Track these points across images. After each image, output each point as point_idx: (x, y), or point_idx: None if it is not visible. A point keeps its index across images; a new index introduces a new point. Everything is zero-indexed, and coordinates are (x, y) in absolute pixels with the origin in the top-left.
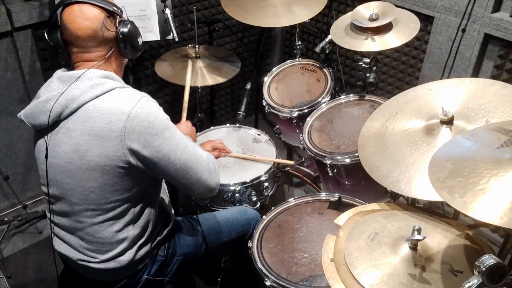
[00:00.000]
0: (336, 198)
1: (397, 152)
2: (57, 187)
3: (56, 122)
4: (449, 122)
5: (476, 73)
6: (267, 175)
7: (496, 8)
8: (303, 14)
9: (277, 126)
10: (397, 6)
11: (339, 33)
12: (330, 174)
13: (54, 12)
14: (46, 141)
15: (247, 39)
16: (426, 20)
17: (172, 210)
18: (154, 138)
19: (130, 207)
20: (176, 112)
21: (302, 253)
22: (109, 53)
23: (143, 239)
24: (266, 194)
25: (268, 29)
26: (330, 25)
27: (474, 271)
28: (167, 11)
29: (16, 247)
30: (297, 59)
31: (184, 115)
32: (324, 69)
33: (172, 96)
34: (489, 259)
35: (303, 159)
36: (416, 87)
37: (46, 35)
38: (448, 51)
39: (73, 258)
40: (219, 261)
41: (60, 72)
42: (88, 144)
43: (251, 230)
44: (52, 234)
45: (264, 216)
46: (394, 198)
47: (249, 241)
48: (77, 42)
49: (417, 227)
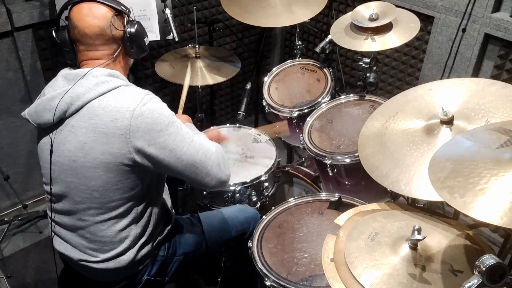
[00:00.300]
0: (336, 198)
1: (397, 152)
2: (60, 186)
3: (60, 120)
4: (449, 122)
5: (476, 73)
6: (267, 175)
7: (496, 8)
8: (303, 14)
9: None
10: (397, 6)
11: (339, 33)
12: (330, 174)
13: (64, 9)
14: (51, 139)
15: (247, 39)
16: (426, 20)
17: (172, 209)
18: (159, 135)
19: (133, 206)
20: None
21: (302, 253)
22: (116, 53)
23: (145, 238)
24: (266, 194)
25: (268, 29)
26: (330, 25)
27: (474, 271)
28: (167, 11)
29: (16, 247)
30: (297, 59)
31: (180, 112)
32: (324, 69)
33: (172, 96)
34: (489, 259)
35: (303, 159)
36: (416, 87)
37: (53, 32)
38: (448, 51)
39: (74, 258)
40: (219, 261)
41: (65, 71)
42: (93, 142)
43: (251, 229)
44: (53, 234)
45: (264, 216)
46: (394, 198)
47: (249, 241)
48: (84, 40)
49: (417, 227)
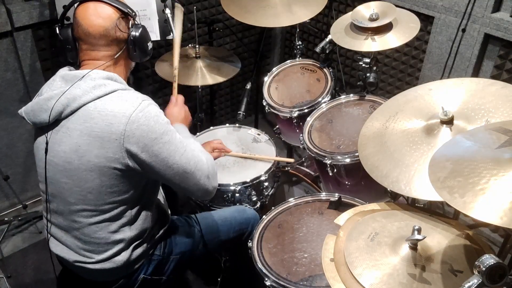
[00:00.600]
0: (336, 198)
1: (397, 152)
2: (55, 186)
3: (56, 121)
4: (449, 122)
5: (476, 73)
6: (267, 175)
7: (496, 8)
8: (303, 14)
9: (277, 126)
10: (397, 6)
11: (339, 33)
12: (330, 174)
13: (70, 7)
14: (46, 138)
15: (247, 39)
16: (426, 20)
17: (168, 210)
18: (153, 143)
19: (127, 209)
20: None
21: (302, 253)
22: (118, 55)
23: (139, 240)
24: (266, 194)
25: (268, 29)
26: (330, 25)
27: (474, 271)
28: (167, 11)
29: (16, 247)
30: (297, 59)
31: (175, 87)
32: (324, 69)
33: None
34: (489, 259)
35: (303, 159)
36: (416, 87)
37: (57, 29)
38: (448, 51)
39: (69, 260)
40: (219, 261)
41: (64, 71)
42: (88, 145)
43: (250, 230)
44: (49, 236)
45: (264, 216)
46: (394, 198)
47: (249, 241)
48: (87, 39)
49: (417, 227)
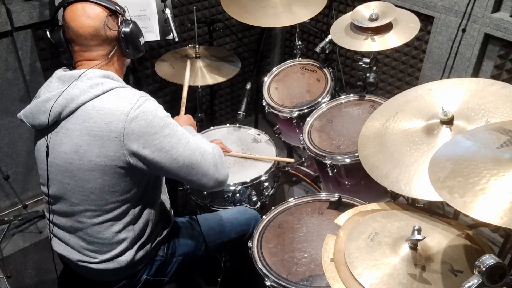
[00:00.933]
0: (336, 198)
1: (397, 152)
2: (57, 187)
3: (56, 122)
4: (449, 122)
5: (476, 73)
6: (267, 175)
7: (496, 8)
8: (303, 14)
9: (277, 126)
10: (397, 6)
11: (339, 33)
12: (330, 174)
13: (57, 10)
14: (46, 140)
15: (247, 39)
16: (426, 20)
17: (171, 211)
18: (154, 137)
19: (129, 208)
20: (176, 113)
21: (302, 253)
22: (111, 53)
23: (143, 240)
24: (266, 194)
25: (268, 29)
26: (330, 25)
27: (474, 271)
28: (167, 11)
29: (16, 247)
30: (297, 59)
31: (182, 110)
32: (324, 69)
33: (172, 96)
34: (489, 259)
35: (303, 159)
36: (416, 87)
37: (48, 33)
38: (448, 51)
39: (72, 259)
40: (219, 261)
41: (60, 72)
42: (88, 145)
43: (251, 230)
44: (51, 235)
45: (264, 216)
46: (394, 198)
47: (249, 241)
48: (79, 41)
49: (417, 227)
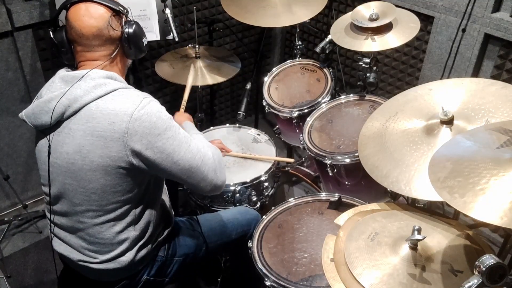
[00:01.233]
0: (336, 198)
1: (397, 152)
2: (58, 187)
3: (58, 122)
4: (449, 122)
5: (476, 73)
6: (267, 175)
7: (496, 8)
8: (303, 14)
9: (277, 126)
10: (397, 6)
11: (339, 33)
12: (330, 174)
13: (61, 10)
14: (48, 141)
15: (247, 39)
16: (426, 20)
17: (172, 211)
18: (157, 139)
19: (131, 208)
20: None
21: (302, 253)
22: (114, 54)
23: (144, 240)
24: (266, 194)
25: (268, 29)
26: (330, 25)
27: (474, 271)
28: (167, 11)
29: (16, 247)
30: (297, 59)
31: (181, 111)
32: (324, 69)
33: (172, 96)
34: (489, 259)
35: (303, 159)
36: (416, 87)
37: (51, 33)
38: (448, 51)
39: (73, 259)
40: (219, 261)
41: (63, 72)
42: (91, 145)
43: (252, 231)
44: (52, 235)
45: (264, 216)
46: (394, 198)
47: (249, 241)
48: (81, 41)
49: (417, 227)
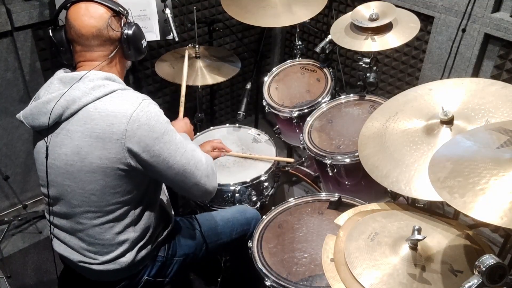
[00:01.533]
0: (336, 198)
1: (397, 152)
2: (57, 189)
3: (56, 124)
4: (449, 122)
5: (476, 73)
6: (267, 175)
7: (496, 8)
8: (303, 14)
9: (277, 126)
10: (397, 6)
11: (339, 33)
12: (330, 174)
13: (61, 9)
14: (46, 142)
15: (247, 39)
16: (426, 20)
17: (172, 211)
18: (154, 142)
19: (130, 209)
20: (176, 114)
21: (302, 253)
22: (112, 54)
23: (144, 241)
24: (266, 194)
25: (268, 29)
26: (330, 25)
27: (474, 271)
28: (167, 11)
29: (16, 247)
30: (297, 59)
31: (181, 111)
32: (324, 69)
33: (172, 96)
34: (489, 259)
35: (303, 159)
36: (416, 87)
37: (50, 32)
38: (448, 51)
39: (73, 260)
40: (219, 261)
41: (61, 73)
42: (89, 146)
43: (252, 230)
44: (52, 236)
45: (264, 216)
46: (394, 198)
47: (249, 241)
48: (81, 40)
49: (417, 227)
